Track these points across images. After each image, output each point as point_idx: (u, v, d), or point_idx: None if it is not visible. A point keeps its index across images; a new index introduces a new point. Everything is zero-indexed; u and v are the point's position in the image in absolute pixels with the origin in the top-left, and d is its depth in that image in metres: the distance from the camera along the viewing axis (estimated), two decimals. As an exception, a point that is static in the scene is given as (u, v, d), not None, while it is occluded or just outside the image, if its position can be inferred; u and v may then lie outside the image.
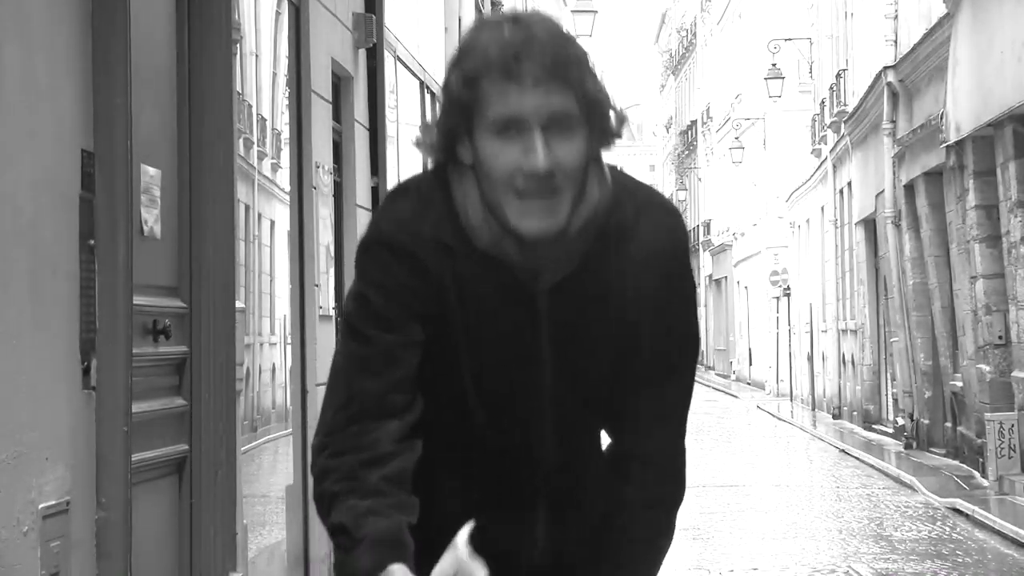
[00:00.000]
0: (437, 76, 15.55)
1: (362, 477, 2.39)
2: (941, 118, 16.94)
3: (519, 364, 2.50)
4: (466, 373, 2.49)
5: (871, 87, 21.95)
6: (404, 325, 2.45)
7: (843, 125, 25.61)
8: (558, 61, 2.38)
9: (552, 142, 2.37)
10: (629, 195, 2.53)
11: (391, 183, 11.15)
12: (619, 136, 2.50)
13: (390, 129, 11.43)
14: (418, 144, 2.53)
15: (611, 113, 2.46)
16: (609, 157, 2.56)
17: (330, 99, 8.67)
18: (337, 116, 9.13)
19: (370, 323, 2.45)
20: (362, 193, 9.57)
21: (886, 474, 17.59)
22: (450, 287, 2.46)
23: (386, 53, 10.70)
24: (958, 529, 12.69)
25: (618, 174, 2.54)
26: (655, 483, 2.59)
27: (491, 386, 2.50)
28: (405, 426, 2.44)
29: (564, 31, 2.43)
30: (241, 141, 6.79)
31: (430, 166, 2.57)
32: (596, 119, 2.43)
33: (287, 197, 7.95)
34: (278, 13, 7.93)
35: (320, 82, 8.30)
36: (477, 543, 2.36)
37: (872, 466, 18.64)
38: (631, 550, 2.61)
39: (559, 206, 2.39)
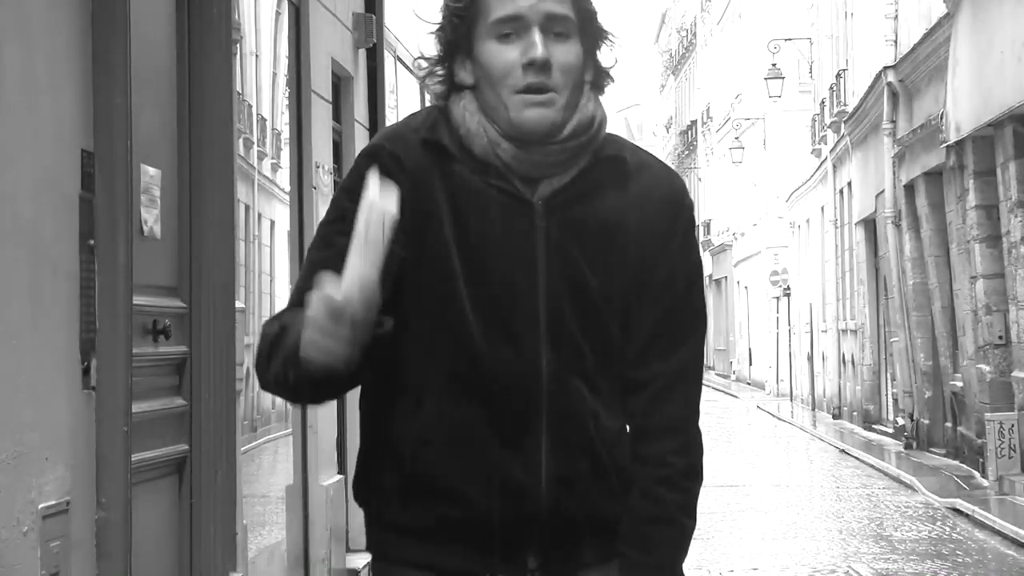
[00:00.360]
0: (437, 76, 15.57)
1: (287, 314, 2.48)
2: (941, 118, 16.94)
3: (514, 272, 2.52)
4: (460, 279, 2.51)
5: (871, 87, 21.95)
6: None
7: (843, 125, 25.62)
8: None
9: (550, 43, 2.51)
10: (630, 150, 2.63)
11: (391, 183, 11.17)
12: (612, 78, 2.62)
13: (390, 129, 11.44)
14: (419, 77, 2.63)
15: (603, 46, 2.60)
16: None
17: (330, 99, 8.67)
18: (337, 116, 9.13)
19: (334, 227, 2.52)
20: (362, 193, 9.56)
21: (886, 474, 17.59)
22: (439, 189, 2.52)
23: (386, 53, 10.70)
24: (958, 529, 12.69)
25: (621, 138, 2.65)
26: (669, 456, 2.57)
27: (486, 294, 2.51)
28: None
29: None
30: (241, 141, 6.80)
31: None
32: (590, 39, 2.58)
33: (287, 197, 7.95)
34: (278, 13, 7.94)
35: (320, 82, 8.30)
36: (477, 477, 2.44)
37: (872, 466, 18.64)
38: (654, 530, 2.58)
39: (553, 101, 2.51)
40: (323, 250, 2.52)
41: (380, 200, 2.26)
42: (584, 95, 2.57)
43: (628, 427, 2.62)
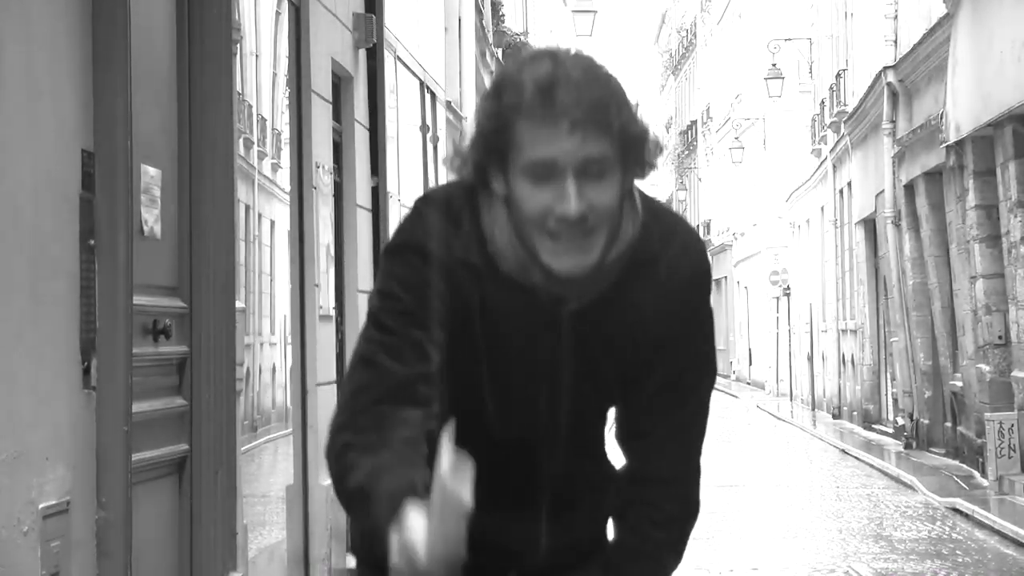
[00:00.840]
0: (437, 76, 15.55)
1: (381, 441, 2.33)
2: (941, 118, 16.94)
3: (538, 382, 2.50)
4: (485, 387, 2.48)
5: (871, 87, 21.95)
6: (430, 325, 2.42)
7: (843, 125, 25.62)
8: (594, 105, 2.33)
9: (585, 187, 2.34)
10: (656, 221, 2.52)
11: (391, 183, 11.17)
12: (655, 167, 2.47)
13: (390, 129, 11.44)
14: (450, 167, 2.50)
15: (647, 146, 2.42)
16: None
17: (330, 99, 8.67)
18: (337, 116, 9.13)
19: (399, 318, 2.41)
20: (362, 193, 9.57)
21: (886, 474, 17.59)
22: (475, 306, 2.45)
23: (386, 53, 10.70)
24: (958, 529, 12.69)
25: (646, 199, 2.53)
26: (665, 503, 2.60)
27: (508, 402, 2.50)
28: (428, 417, 2.38)
29: (602, 70, 2.38)
30: (241, 141, 6.80)
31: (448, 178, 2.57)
32: (632, 156, 2.40)
33: (287, 197, 7.95)
34: (278, 13, 7.94)
35: (320, 82, 8.30)
36: (479, 541, 2.34)
37: (872, 466, 18.64)
38: (636, 566, 2.62)
39: (592, 246, 2.37)
40: (388, 334, 2.41)
41: (453, 484, 2.13)
42: (624, 216, 2.44)
43: (626, 470, 2.65)
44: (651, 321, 2.51)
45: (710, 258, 2.64)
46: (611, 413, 2.66)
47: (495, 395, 2.50)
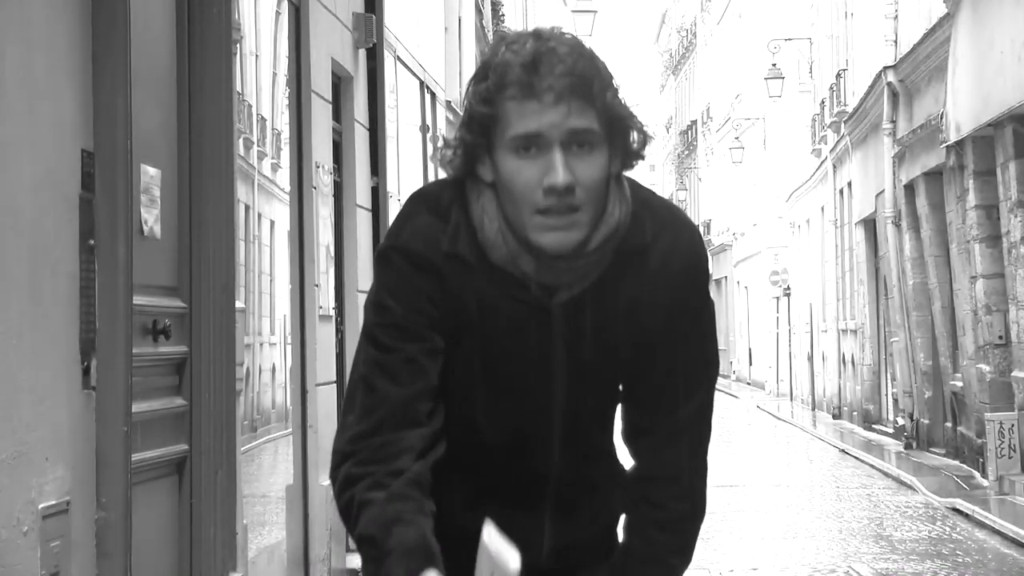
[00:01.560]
0: (437, 76, 15.55)
1: (388, 485, 2.36)
2: (941, 118, 16.94)
3: (532, 376, 2.49)
4: (479, 384, 2.49)
5: (871, 87, 21.95)
6: (425, 334, 2.43)
7: (843, 125, 25.61)
8: (579, 77, 2.36)
9: (572, 160, 2.36)
10: (649, 211, 2.51)
11: (391, 183, 11.16)
12: (642, 157, 2.48)
13: (390, 129, 11.44)
14: (438, 160, 2.51)
15: (633, 133, 2.44)
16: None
17: (330, 99, 8.67)
18: (337, 116, 9.13)
19: (392, 333, 2.43)
20: (362, 193, 9.57)
21: (886, 474, 17.58)
22: (469, 300, 2.45)
23: (386, 53, 10.70)
24: (958, 529, 12.69)
25: (638, 189, 2.53)
26: (670, 502, 2.59)
27: (503, 398, 2.50)
28: (430, 434, 2.42)
29: (586, 48, 2.40)
30: (241, 141, 6.80)
31: (441, 174, 2.57)
32: (618, 138, 2.42)
33: (287, 197, 7.95)
34: (278, 13, 7.94)
35: (320, 82, 8.30)
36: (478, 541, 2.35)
37: (872, 466, 18.63)
38: (642, 569, 2.61)
39: (579, 222, 2.38)
40: (384, 352, 2.43)
41: (502, 564, 2.17)
42: (611, 198, 2.45)
43: (631, 471, 2.64)
44: (644, 314, 2.49)
45: (708, 253, 2.62)
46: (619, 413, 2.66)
47: (488, 392, 2.49)
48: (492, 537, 2.22)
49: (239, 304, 6.25)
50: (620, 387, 2.59)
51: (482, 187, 2.44)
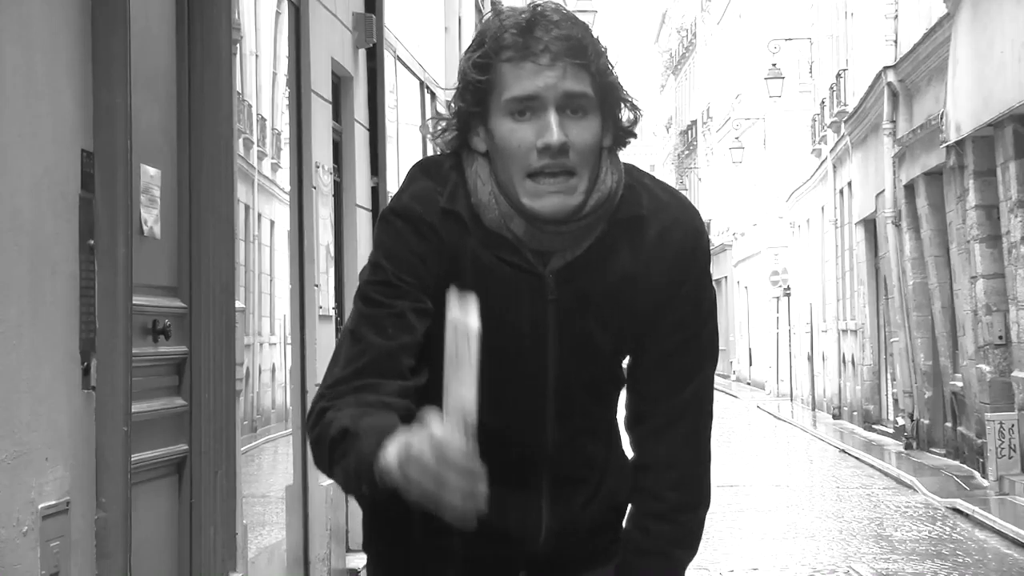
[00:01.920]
0: (437, 76, 15.54)
1: (357, 402, 2.35)
2: (941, 118, 16.94)
3: (524, 343, 2.49)
4: None
5: (871, 87, 21.95)
6: (415, 294, 2.44)
7: (843, 125, 25.61)
8: (574, 40, 2.40)
9: (566, 122, 2.39)
10: (646, 190, 2.53)
11: (391, 183, 11.15)
12: (634, 135, 2.51)
13: (390, 129, 11.43)
14: (429, 134, 2.54)
15: (625, 110, 2.48)
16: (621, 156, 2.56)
17: (330, 99, 8.67)
18: (337, 116, 9.13)
19: (382, 290, 2.45)
20: (362, 193, 9.57)
21: (886, 474, 17.59)
22: (464, 261, 2.47)
23: (386, 53, 10.70)
24: (958, 529, 12.69)
25: (636, 171, 2.55)
26: (666, 491, 2.57)
27: (495, 363, 2.45)
28: (411, 388, 2.40)
29: (578, 18, 2.45)
30: (241, 141, 6.79)
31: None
32: (610, 108, 2.45)
33: (287, 197, 7.95)
34: (278, 13, 7.94)
35: (320, 82, 8.30)
36: (483, 526, 2.28)
37: (872, 466, 18.63)
38: (643, 561, 2.59)
39: (573, 187, 2.41)
40: (373, 307, 2.45)
41: (464, 318, 2.14)
42: (603, 167, 2.47)
43: (633, 460, 2.63)
44: (640, 290, 2.49)
45: (710, 244, 2.62)
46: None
47: (480, 374, 2.48)
48: (454, 300, 2.19)
49: (239, 304, 6.25)
50: (624, 370, 2.58)
51: (475, 155, 2.47)
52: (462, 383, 2.10)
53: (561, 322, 2.48)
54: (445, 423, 2.07)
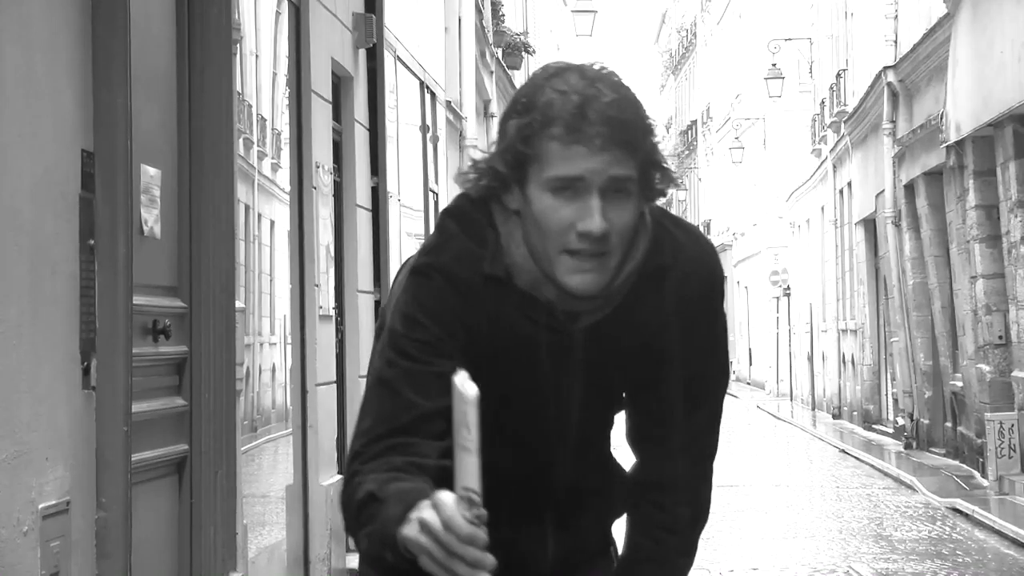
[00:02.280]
0: (437, 76, 15.55)
1: (390, 462, 2.32)
2: (941, 118, 16.94)
3: (548, 396, 2.49)
4: (494, 408, 2.44)
5: (871, 87, 21.95)
6: (454, 355, 2.40)
7: (843, 125, 25.61)
8: (625, 127, 2.35)
9: (607, 206, 2.35)
10: (667, 234, 2.52)
11: (391, 183, 11.16)
12: (664, 195, 2.49)
13: (390, 129, 11.43)
14: (460, 181, 2.49)
15: (659, 174, 2.44)
16: None
17: (330, 99, 8.67)
18: (337, 116, 9.13)
19: (423, 347, 2.39)
20: (362, 193, 9.57)
21: (886, 474, 17.58)
22: (500, 319, 2.44)
23: (386, 53, 10.70)
24: (958, 529, 12.69)
25: (656, 212, 2.54)
26: (676, 507, 2.60)
27: (515, 417, 2.49)
28: (444, 450, 2.34)
29: (631, 91, 2.40)
30: (241, 141, 6.79)
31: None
32: (650, 180, 2.43)
33: (287, 197, 7.95)
34: (278, 13, 7.94)
35: (320, 82, 8.30)
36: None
37: (872, 466, 18.63)
38: (650, 569, 2.62)
39: (608, 265, 2.39)
40: (412, 363, 2.39)
41: (463, 387, 2.12)
42: (638, 235, 2.45)
43: (636, 474, 2.65)
44: (663, 332, 2.51)
45: (722, 267, 2.62)
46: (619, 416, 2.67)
47: (502, 416, 2.47)
48: (459, 379, 2.17)
49: (239, 304, 6.25)
50: (629, 396, 2.60)
51: (509, 212, 2.43)
52: (467, 452, 2.10)
53: (588, 376, 2.49)
54: (453, 495, 2.08)
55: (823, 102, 28.94)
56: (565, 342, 2.47)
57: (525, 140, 2.36)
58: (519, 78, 24.65)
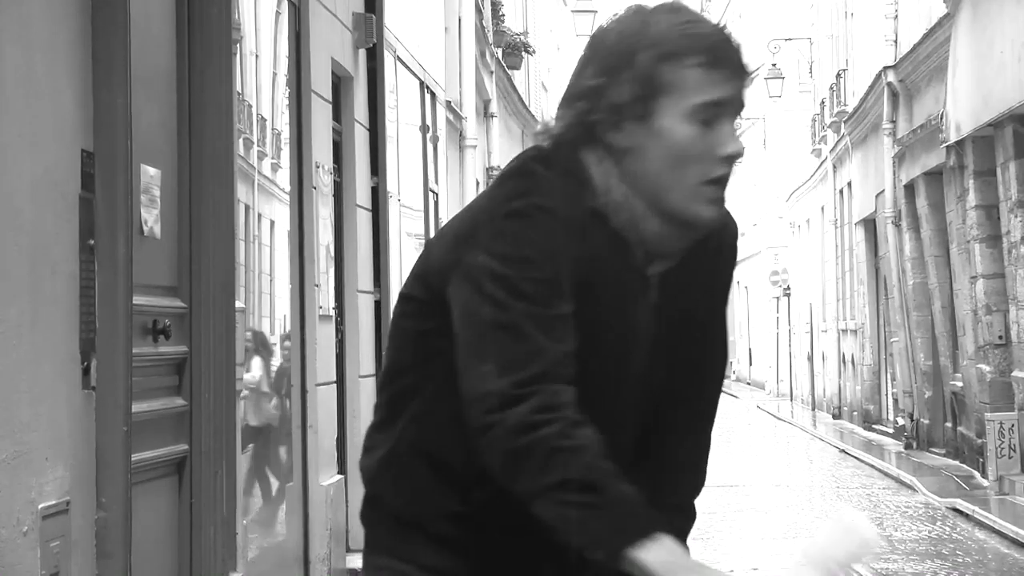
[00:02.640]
0: (437, 76, 15.54)
1: (583, 438, 2.24)
2: (941, 118, 16.94)
3: (622, 347, 2.43)
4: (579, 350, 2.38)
5: (871, 87, 21.95)
6: (567, 296, 2.33)
7: (843, 125, 25.61)
8: (745, 56, 2.45)
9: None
10: None
11: (391, 183, 11.15)
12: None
13: (390, 129, 11.43)
14: (544, 132, 2.43)
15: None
16: None
17: (330, 99, 8.67)
18: (337, 116, 9.13)
19: (540, 286, 2.30)
20: (362, 193, 9.57)
21: (886, 474, 17.59)
22: (588, 259, 2.37)
23: (386, 53, 10.70)
24: (958, 529, 12.69)
25: None
26: (690, 489, 2.60)
27: (590, 369, 2.37)
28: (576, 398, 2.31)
29: None
30: (241, 141, 6.79)
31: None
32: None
33: (287, 197, 7.95)
34: (278, 13, 7.93)
35: (320, 82, 8.30)
36: (518, 525, 2.30)
37: (872, 466, 18.64)
38: (676, 516, 2.60)
39: (726, 198, 2.44)
40: (532, 304, 2.29)
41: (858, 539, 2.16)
42: None
43: (651, 453, 2.62)
44: (716, 283, 2.53)
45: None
46: None
47: (580, 360, 2.36)
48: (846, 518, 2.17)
49: (239, 304, 6.25)
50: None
51: (601, 153, 2.39)
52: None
53: (660, 324, 2.46)
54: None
55: (823, 102, 28.95)
56: (643, 287, 2.43)
57: (662, 67, 2.35)
58: (519, 78, 24.64)
